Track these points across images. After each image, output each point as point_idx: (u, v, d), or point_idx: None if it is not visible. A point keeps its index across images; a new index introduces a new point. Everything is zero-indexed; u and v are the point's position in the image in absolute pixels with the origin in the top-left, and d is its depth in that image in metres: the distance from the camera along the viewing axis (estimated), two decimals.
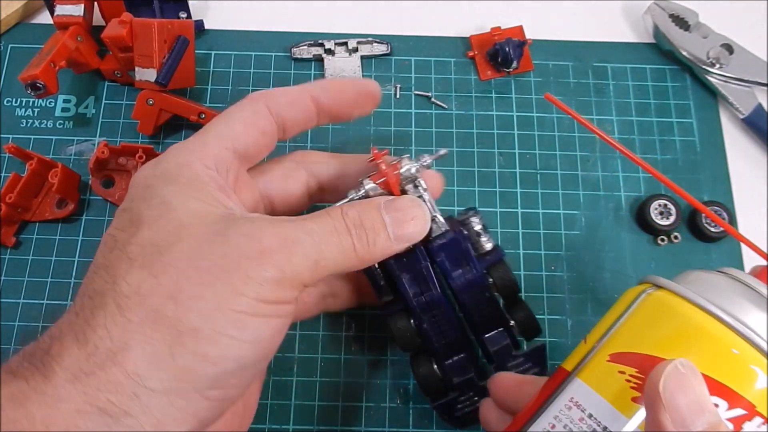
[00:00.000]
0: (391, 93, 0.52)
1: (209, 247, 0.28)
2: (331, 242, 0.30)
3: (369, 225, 0.31)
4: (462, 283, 0.36)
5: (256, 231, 0.29)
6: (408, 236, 0.33)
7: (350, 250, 0.31)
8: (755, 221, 0.49)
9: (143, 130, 0.48)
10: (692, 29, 0.53)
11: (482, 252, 0.38)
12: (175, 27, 0.46)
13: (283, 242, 0.29)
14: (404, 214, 0.33)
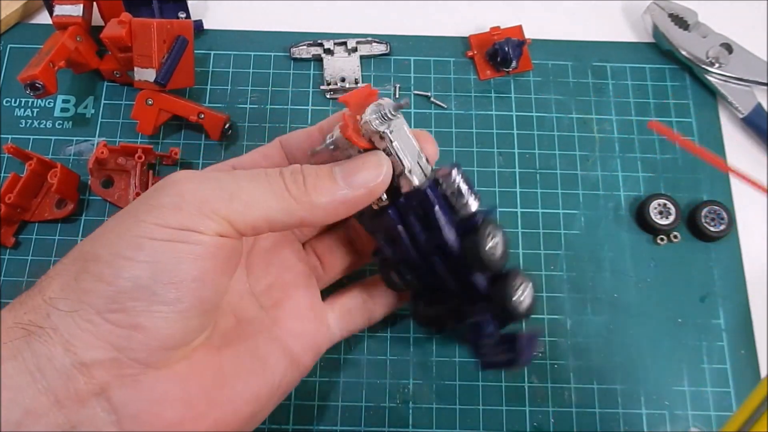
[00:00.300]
0: (391, 93, 0.52)
1: (137, 201, 0.30)
2: (255, 180, 0.30)
3: (309, 172, 0.31)
4: (430, 249, 0.34)
5: (177, 176, 0.30)
6: (361, 180, 0.31)
7: (281, 190, 0.30)
8: (755, 221, 0.49)
9: (142, 130, 0.48)
10: (691, 29, 0.53)
11: (464, 214, 0.34)
12: (175, 27, 0.46)
13: (194, 177, 0.30)
14: (355, 162, 0.31)
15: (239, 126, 0.50)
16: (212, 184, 0.29)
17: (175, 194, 0.29)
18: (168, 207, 0.28)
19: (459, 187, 0.33)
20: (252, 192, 0.29)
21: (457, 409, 0.44)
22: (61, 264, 0.30)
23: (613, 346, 0.46)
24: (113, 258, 0.28)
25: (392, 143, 0.31)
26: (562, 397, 0.44)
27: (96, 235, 0.30)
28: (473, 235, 0.32)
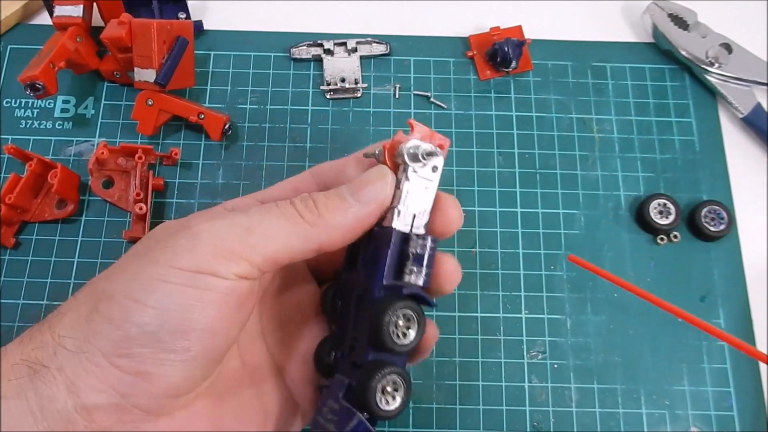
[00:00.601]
0: (391, 93, 0.52)
1: (155, 240, 0.29)
2: (268, 213, 0.29)
3: (318, 196, 0.30)
4: (360, 284, 0.31)
5: (192, 216, 0.30)
6: (369, 195, 0.30)
7: (295, 217, 0.29)
8: (755, 220, 0.49)
9: (142, 131, 0.48)
10: (691, 29, 0.53)
11: (403, 281, 0.31)
12: (174, 27, 0.46)
13: (209, 218, 0.29)
14: (361, 178, 0.31)
15: (239, 126, 0.50)
16: (226, 222, 0.29)
17: (190, 235, 0.28)
18: (183, 248, 0.28)
19: (421, 255, 0.31)
20: (266, 224, 0.29)
21: (457, 409, 0.44)
22: (74, 299, 0.29)
23: (613, 346, 0.46)
24: (124, 299, 0.27)
25: (405, 180, 0.31)
26: (562, 397, 0.44)
27: (111, 272, 0.29)
28: (380, 305, 0.30)
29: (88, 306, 0.28)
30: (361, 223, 0.30)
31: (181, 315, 0.27)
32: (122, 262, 0.30)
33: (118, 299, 0.27)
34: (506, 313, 0.46)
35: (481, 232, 0.48)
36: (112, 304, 0.27)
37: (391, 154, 0.31)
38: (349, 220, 0.30)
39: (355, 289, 0.32)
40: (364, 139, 0.50)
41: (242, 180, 0.49)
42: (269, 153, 0.50)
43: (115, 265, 0.30)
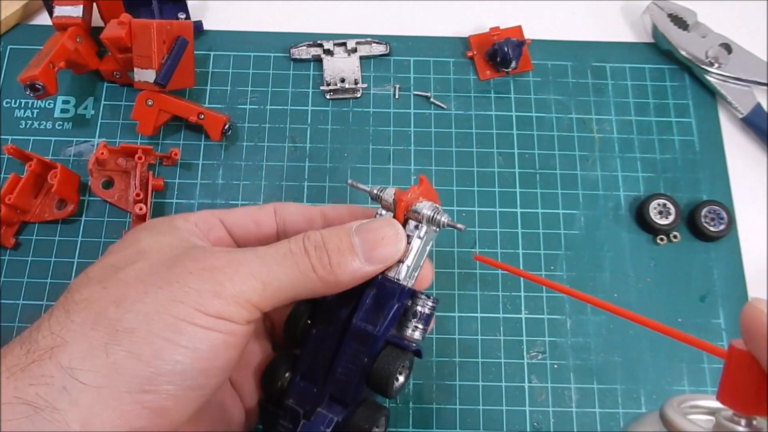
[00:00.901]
0: (390, 93, 0.52)
1: (159, 265, 0.30)
2: (284, 263, 0.30)
3: (333, 246, 0.31)
4: (356, 328, 0.32)
5: (206, 254, 0.30)
6: (380, 257, 0.32)
7: (308, 270, 0.30)
8: (755, 220, 0.49)
9: (142, 131, 0.48)
10: (691, 29, 0.53)
11: (404, 334, 0.33)
12: (174, 28, 0.46)
13: (228, 262, 0.30)
14: (375, 235, 0.32)
15: (239, 126, 0.50)
16: (246, 271, 0.29)
17: (214, 282, 0.29)
18: (208, 293, 0.28)
19: (425, 313, 0.33)
20: (281, 278, 0.30)
21: (457, 409, 0.44)
22: (74, 323, 0.27)
23: (613, 346, 0.46)
24: (151, 336, 0.27)
25: (417, 238, 0.33)
26: (562, 397, 0.44)
27: (119, 296, 0.28)
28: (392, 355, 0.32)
29: (102, 335, 0.27)
30: (364, 279, 0.32)
31: (209, 355, 0.28)
32: (128, 286, 0.29)
33: (143, 335, 0.27)
34: (506, 313, 0.46)
35: (481, 232, 0.48)
36: (136, 340, 0.27)
37: (406, 209, 0.33)
38: (357, 278, 0.32)
39: (350, 332, 0.32)
40: (364, 139, 0.50)
41: (242, 180, 0.49)
42: (269, 153, 0.50)
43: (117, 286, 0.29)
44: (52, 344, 0.27)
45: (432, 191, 0.35)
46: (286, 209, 0.37)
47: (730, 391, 0.21)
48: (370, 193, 0.35)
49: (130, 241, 0.32)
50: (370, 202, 0.36)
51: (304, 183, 0.49)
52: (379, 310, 0.32)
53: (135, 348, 0.27)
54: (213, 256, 0.30)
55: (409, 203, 0.33)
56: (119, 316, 0.27)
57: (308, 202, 0.48)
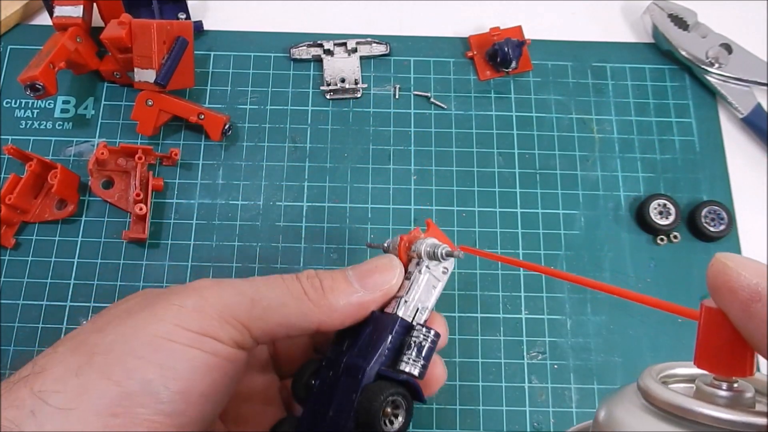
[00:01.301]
0: (391, 93, 0.52)
1: (149, 297, 0.29)
2: (274, 286, 0.30)
3: (324, 275, 0.31)
4: (347, 364, 0.31)
5: (195, 281, 0.29)
6: (374, 283, 0.31)
7: (299, 293, 0.30)
8: (755, 221, 0.49)
9: (142, 131, 0.48)
10: (691, 29, 0.53)
11: (399, 369, 0.31)
12: (174, 28, 0.46)
13: (215, 282, 0.29)
14: (368, 265, 0.32)
15: (239, 127, 0.50)
16: (232, 289, 0.29)
17: (197, 297, 0.28)
18: (190, 308, 0.27)
19: (422, 345, 0.31)
20: (271, 297, 0.29)
21: (457, 410, 0.44)
22: (57, 353, 0.27)
23: (614, 347, 0.46)
24: (125, 356, 0.26)
25: (419, 274, 0.32)
26: (563, 397, 0.44)
27: (102, 325, 0.28)
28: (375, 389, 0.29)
29: (78, 359, 0.26)
30: (363, 310, 0.31)
31: (189, 376, 0.26)
32: (115, 313, 0.28)
33: (117, 354, 0.26)
34: (506, 313, 0.46)
35: (481, 232, 0.48)
36: (110, 359, 0.26)
37: (407, 248, 0.33)
38: (353, 305, 0.30)
39: (342, 370, 0.31)
40: (364, 140, 0.50)
41: (242, 180, 0.49)
42: (269, 153, 0.50)
43: (104, 318, 0.28)
44: (31, 372, 0.26)
45: (442, 235, 0.34)
46: None
47: (707, 354, 0.20)
48: (382, 248, 0.35)
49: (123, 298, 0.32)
50: None
51: (304, 183, 0.49)
52: (372, 344, 0.31)
53: (106, 368, 0.25)
54: (201, 280, 0.30)
55: (410, 242, 0.33)
56: (98, 341, 0.27)
57: (308, 203, 0.48)
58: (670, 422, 0.19)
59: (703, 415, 0.18)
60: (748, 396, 0.20)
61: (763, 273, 0.18)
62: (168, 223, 0.48)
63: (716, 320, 0.19)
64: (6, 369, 0.43)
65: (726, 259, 0.19)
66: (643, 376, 0.21)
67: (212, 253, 0.47)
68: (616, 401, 0.21)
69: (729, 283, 0.18)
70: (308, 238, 0.48)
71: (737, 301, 0.18)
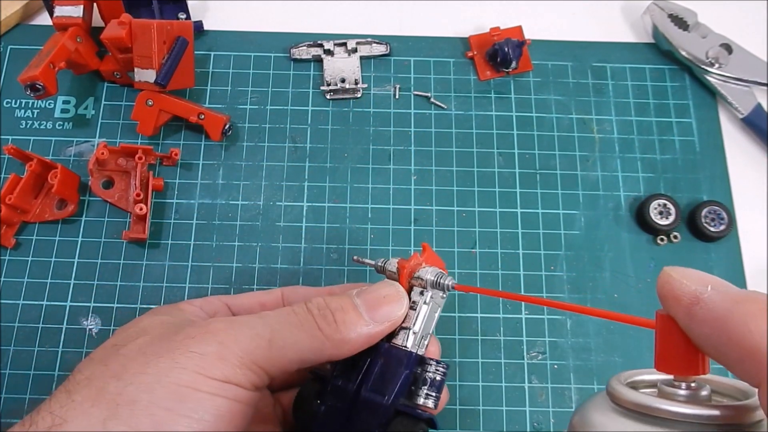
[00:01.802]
0: (391, 93, 0.52)
1: (161, 337, 0.29)
2: (288, 322, 0.30)
3: (335, 306, 0.31)
4: (365, 400, 0.31)
5: (207, 321, 0.29)
6: (384, 315, 0.31)
7: (314, 329, 0.30)
8: (755, 221, 0.49)
9: (143, 131, 0.48)
10: (691, 29, 0.53)
11: (415, 403, 0.32)
12: (174, 28, 0.46)
13: (229, 324, 0.29)
14: (376, 294, 0.32)
15: (239, 127, 0.50)
16: (249, 331, 0.28)
17: (217, 344, 0.27)
18: (211, 356, 0.27)
19: (436, 380, 0.32)
20: (286, 335, 0.29)
21: (457, 410, 0.44)
22: (74, 402, 0.26)
23: (613, 347, 0.46)
24: (152, 407, 0.25)
25: (425, 305, 0.33)
26: (563, 397, 0.44)
27: (120, 370, 0.27)
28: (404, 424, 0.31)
29: (101, 412, 0.25)
30: (371, 340, 0.31)
31: (215, 424, 0.26)
32: (129, 360, 0.28)
33: (144, 406, 0.25)
34: (506, 313, 0.46)
35: (481, 232, 0.48)
36: (136, 411, 0.25)
37: (410, 276, 0.33)
38: (363, 337, 0.31)
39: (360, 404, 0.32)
40: (365, 140, 0.50)
41: (242, 180, 0.49)
42: (269, 153, 0.50)
43: (118, 360, 0.28)
44: (51, 424, 0.26)
45: (437, 258, 0.35)
46: (294, 293, 0.37)
47: (665, 358, 0.22)
48: (375, 267, 0.35)
49: (132, 323, 0.32)
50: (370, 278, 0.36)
51: (305, 183, 0.49)
52: (388, 379, 0.31)
53: (135, 421, 0.25)
54: (214, 322, 0.29)
55: (412, 270, 0.33)
56: (120, 390, 0.26)
57: (308, 203, 0.48)
58: (637, 420, 0.21)
59: (665, 410, 0.20)
60: (704, 393, 0.22)
61: (702, 280, 0.20)
62: (168, 223, 0.48)
63: (668, 326, 0.21)
64: (6, 369, 0.43)
65: (671, 271, 0.21)
66: (610, 382, 0.23)
67: (212, 253, 0.47)
68: (588, 406, 0.23)
69: (673, 291, 0.21)
70: (308, 238, 0.48)
71: (681, 307, 0.20)
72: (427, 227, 0.48)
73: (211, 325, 0.29)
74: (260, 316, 0.30)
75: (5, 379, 0.43)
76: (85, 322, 0.45)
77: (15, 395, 0.43)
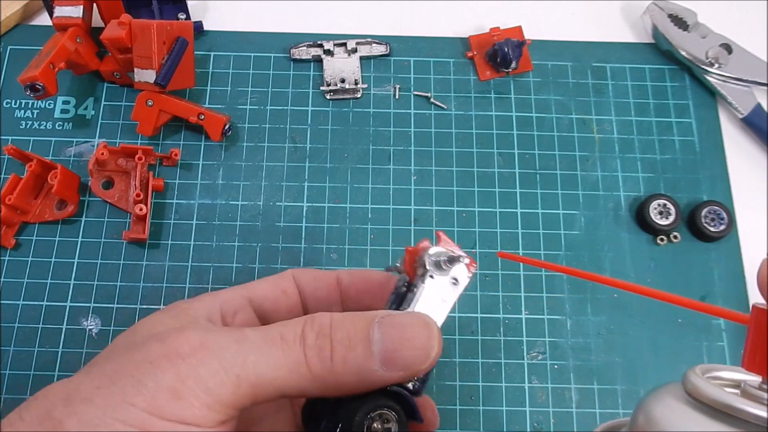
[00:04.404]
0: (390, 94, 0.52)
1: (126, 348, 0.25)
2: (267, 353, 0.24)
3: (340, 336, 0.24)
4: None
5: (178, 335, 0.24)
6: (404, 362, 0.24)
7: (299, 365, 0.24)
8: (755, 221, 0.49)
9: (142, 132, 0.48)
10: (691, 29, 0.53)
11: None
12: (174, 28, 0.46)
13: (197, 348, 0.24)
14: (402, 332, 0.25)
15: (239, 127, 0.50)
16: (215, 365, 0.24)
17: (174, 374, 0.23)
18: (165, 392, 0.23)
19: None
20: (262, 371, 0.24)
21: (457, 410, 0.44)
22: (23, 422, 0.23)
23: (614, 347, 0.46)
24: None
25: (421, 284, 0.28)
26: (563, 397, 0.44)
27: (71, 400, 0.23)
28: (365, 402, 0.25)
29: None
30: (374, 386, 0.25)
31: None
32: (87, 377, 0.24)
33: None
34: (506, 313, 0.46)
35: (481, 232, 0.48)
36: None
37: (413, 260, 0.29)
38: (365, 384, 0.25)
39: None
40: (365, 140, 0.50)
41: (242, 181, 0.49)
42: (269, 153, 0.50)
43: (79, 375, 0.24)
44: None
45: (454, 246, 0.30)
46: (302, 276, 0.33)
47: (757, 356, 0.19)
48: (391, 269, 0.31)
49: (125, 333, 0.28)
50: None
51: (305, 183, 0.49)
52: None
53: None
54: (183, 338, 0.24)
55: (416, 252, 0.29)
56: (63, 418, 0.23)
57: (308, 203, 0.48)
58: (716, 419, 0.19)
59: (753, 414, 0.18)
60: None
61: None
62: (168, 224, 0.48)
63: (765, 322, 0.19)
64: (6, 369, 0.43)
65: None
66: (689, 376, 0.21)
67: (212, 253, 0.47)
68: (655, 401, 0.21)
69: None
70: (308, 238, 0.48)
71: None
72: (427, 227, 0.48)
73: (174, 346, 0.24)
74: (237, 339, 0.25)
75: (5, 380, 0.43)
76: (85, 323, 0.45)
77: (15, 396, 0.43)
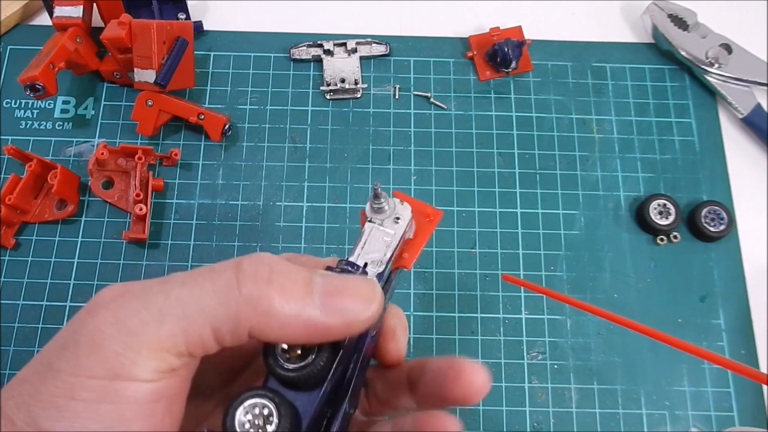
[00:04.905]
0: (390, 93, 0.52)
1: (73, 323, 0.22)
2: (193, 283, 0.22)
3: (281, 267, 0.22)
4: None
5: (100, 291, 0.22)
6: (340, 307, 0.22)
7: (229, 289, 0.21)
8: (755, 221, 0.49)
9: (142, 131, 0.48)
10: (691, 29, 0.53)
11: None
12: (174, 28, 0.46)
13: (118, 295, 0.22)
14: (344, 282, 0.23)
15: (239, 127, 0.50)
16: (136, 303, 0.21)
17: (93, 326, 0.21)
18: (85, 347, 0.20)
19: None
20: (188, 301, 0.21)
21: (457, 410, 0.44)
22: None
23: (613, 347, 0.46)
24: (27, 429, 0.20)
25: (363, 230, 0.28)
26: (562, 397, 0.44)
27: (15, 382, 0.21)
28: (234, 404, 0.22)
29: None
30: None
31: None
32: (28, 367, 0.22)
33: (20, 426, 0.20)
34: (506, 313, 0.46)
35: (481, 232, 0.48)
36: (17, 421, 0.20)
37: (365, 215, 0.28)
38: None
39: None
40: (364, 140, 0.50)
41: (242, 180, 0.49)
42: (269, 153, 0.50)
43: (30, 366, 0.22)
44: None
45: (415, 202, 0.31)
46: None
47: None
48: None
49: None
50: None
51: (304, 183, 0.49)
52: None
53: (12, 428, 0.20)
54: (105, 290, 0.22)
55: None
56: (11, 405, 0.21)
57: (308, 203, 0.48)
58: None
59: None
60: None
61: None
62: (168, 224, 0.48)
63: None
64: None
65: None
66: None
67: (212, 253, 0.47)
68: None
69: None
70: (308, 238, 0.48)
71: None
72: None
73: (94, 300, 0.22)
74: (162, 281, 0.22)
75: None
76: None
77: None
